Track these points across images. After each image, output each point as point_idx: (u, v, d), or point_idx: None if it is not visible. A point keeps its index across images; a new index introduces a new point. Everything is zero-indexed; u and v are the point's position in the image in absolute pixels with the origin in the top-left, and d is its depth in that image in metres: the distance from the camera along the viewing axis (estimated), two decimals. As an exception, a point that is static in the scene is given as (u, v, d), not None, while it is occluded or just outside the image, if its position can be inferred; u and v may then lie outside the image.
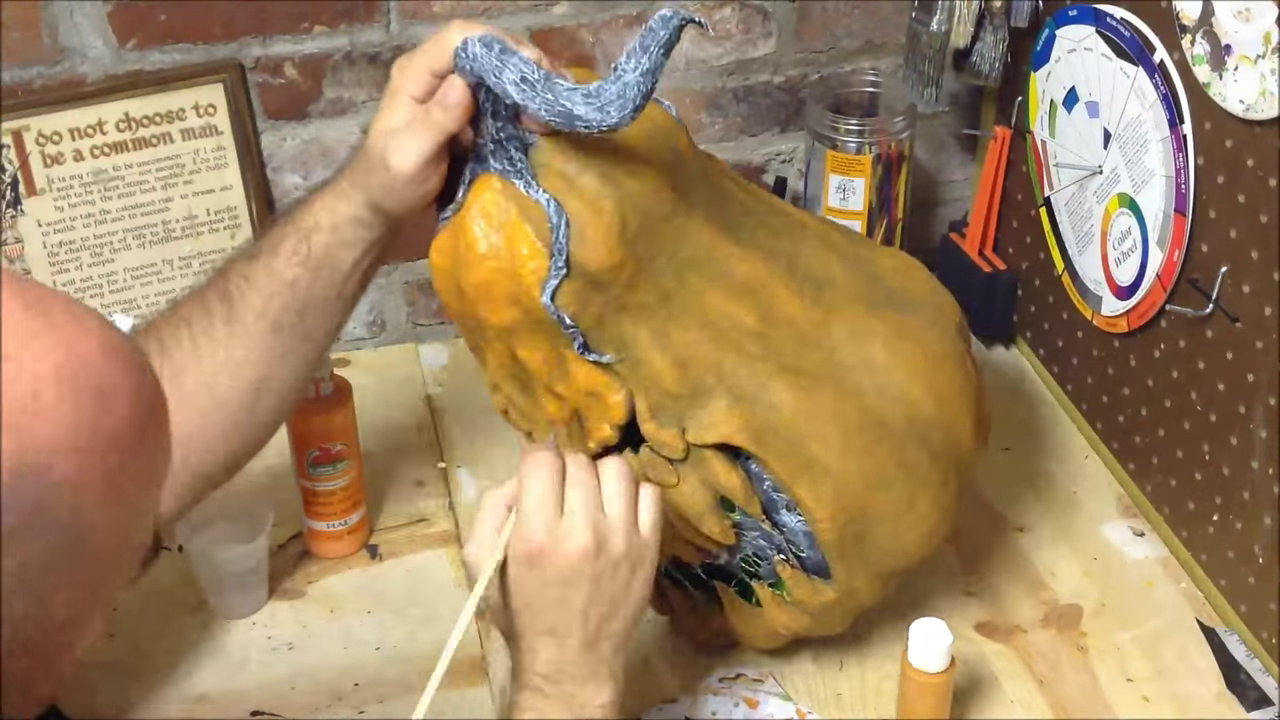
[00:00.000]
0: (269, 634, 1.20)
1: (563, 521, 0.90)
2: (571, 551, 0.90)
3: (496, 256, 0.94)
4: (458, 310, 1.00)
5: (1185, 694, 1.16)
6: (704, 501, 1.02)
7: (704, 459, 1.01)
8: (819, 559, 1.04)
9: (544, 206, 0.93)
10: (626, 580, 0.92)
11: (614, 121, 0.88)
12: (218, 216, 1.42)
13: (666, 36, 0.89)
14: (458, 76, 0.93)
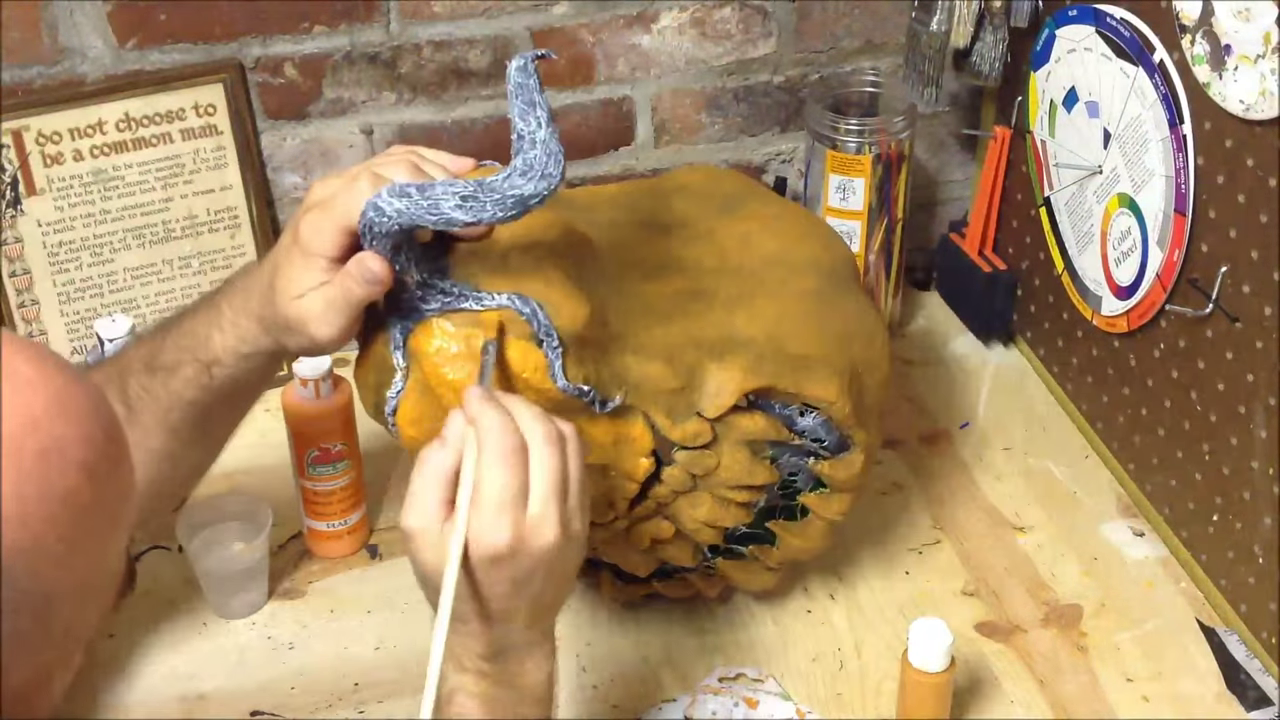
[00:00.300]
0: (269, 634, 1.20)
1: (529, 518, 0.84)
2: (540, 548, 0.84)
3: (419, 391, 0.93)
4: None
5: (1185, 694, 1.16)
6: (744, 460, 1.06)
7: (727, 426, 1.04)
8: (837, 438, 1.09)
9: (511, 306, 0.92)
10: (576, 558, 0.88)
11: (556, 180, 0.86)
12: (218, 216, 1.42)
13: (536, 82, 0.88)
14: (372, 248, 0.88)
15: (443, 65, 1.43)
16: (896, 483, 1.37)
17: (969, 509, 1.34)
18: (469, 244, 0.93)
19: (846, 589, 1.24)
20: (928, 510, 1.34)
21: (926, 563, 1.28)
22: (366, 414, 1.01)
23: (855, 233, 1.48)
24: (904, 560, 1.28)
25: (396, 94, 1.43)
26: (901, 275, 1.55)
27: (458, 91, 1.44)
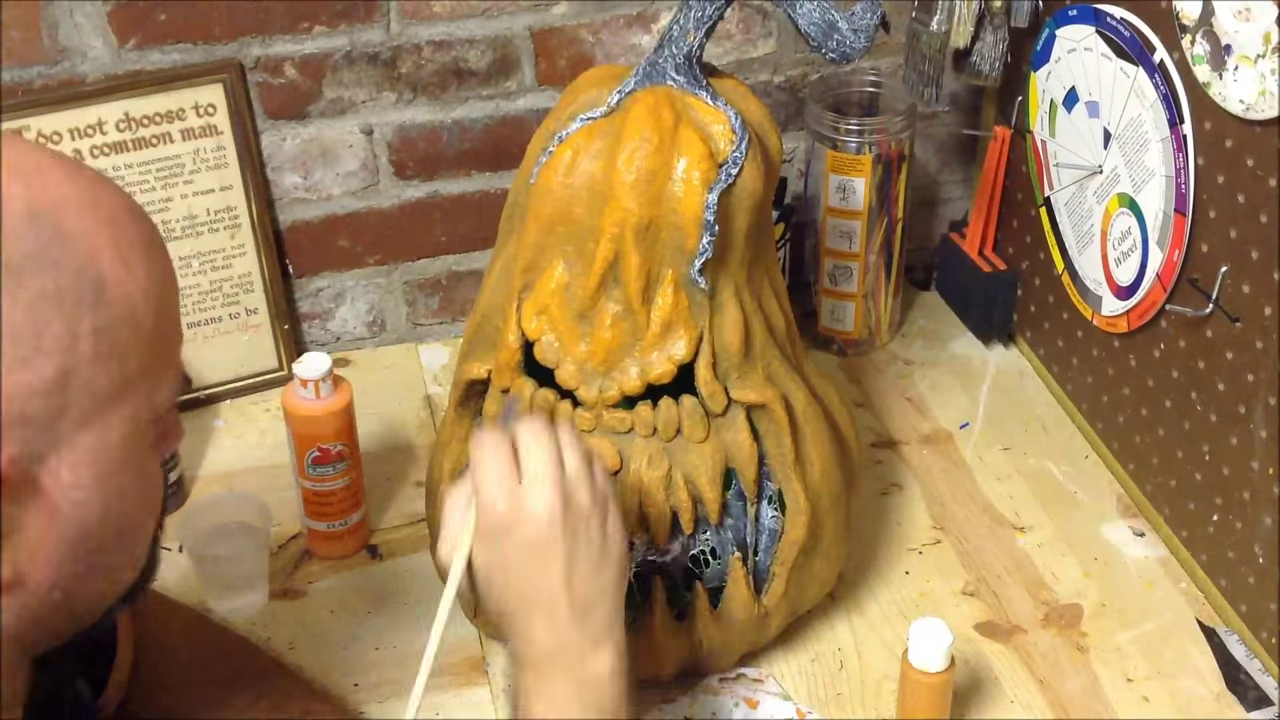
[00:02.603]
0: (269, 634, 1.20)
1: (523, 488, 0.87)
2: (539, 514, 0.87)
3: (665, 150, 1.00)
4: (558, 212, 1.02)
5: (1185, 694, 1.16)
6: (716, 466, 1.06)
7: (734, 422, 1.06)
8: (764, 569, 1.11)
9: (729, 118, 1.02)
10: (600, 532, 0.89)
11: (862, 45, 1.02)
12: (218, 216, 1.42)
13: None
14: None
15: (443, 65, 1.43)
16: (896, 483, 1.37)
17: (969, 509, 1.34)
18: None
19: (846, 588, 1.24)
20: (928, 510, 1.34)
21: (926, 563, 1.28)
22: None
23: (855, 233, 1.48)
24: (904, 560, 1.28)
25: (396, 94, 1.43)
26: (901, 275, 1.55)
27: (458, 91, 1.44)
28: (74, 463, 0.67)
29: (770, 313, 1.09)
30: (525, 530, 0.87)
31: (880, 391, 1.49)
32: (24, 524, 0.66)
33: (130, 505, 0.72)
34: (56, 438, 0.66)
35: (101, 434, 0.68)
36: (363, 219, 1.49)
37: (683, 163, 1.00)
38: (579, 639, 0.89)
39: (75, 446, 0.67)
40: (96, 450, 0.68)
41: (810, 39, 1.04)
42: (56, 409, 0.66)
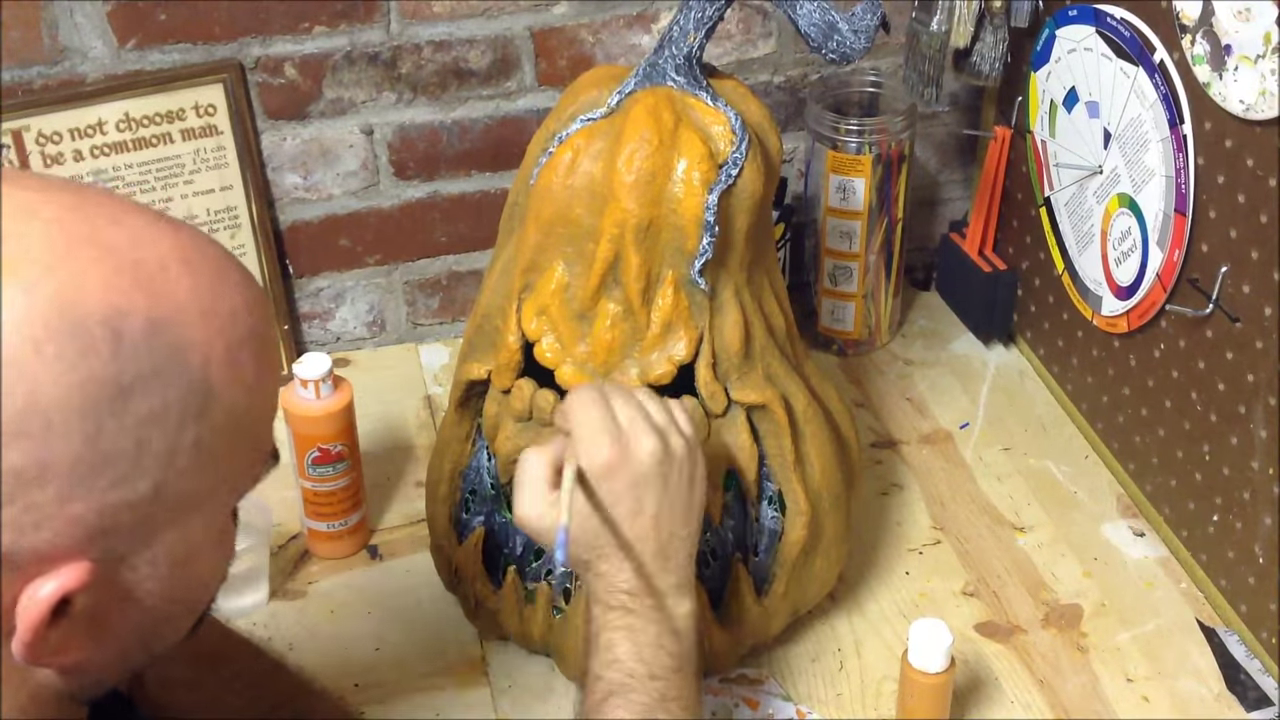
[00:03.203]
0: (269, 634, 1.20)
1: (623, 432, 0.92)
2: (642, 453, 0.92)
3: (665, 151, 1.00)
4: (558, 212, 1.02)
5: (1185, 694, 1.16)
6: (716, 467, 1.06)
7: (735, 423, 1.06)
8: (764, 568, 1.11)
9: (729, 118, 1.02)
10: (689, 480, 0.94)
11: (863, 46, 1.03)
12: (218, 216, 1.42)
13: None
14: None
15: (443, 65, 1.43)
16: (896, 483, 1.37)
17: (969, 509, 1.34)
18: None
19: (846, 589, 1.24)
20: (928, 510, 1.34)
21: (926, 563, 1.28)
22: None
23: (855, 233, 1.48)
24: (904, 560, 1.28)
25: (396, 94, 1.43)
26: (901, 275, 1.55)
27: (458, 91, 1.44)
28: (154, 559, 0.66)
29: (770, 313, 1.09)
30: (630, 468, 0.92)
31: (880, 391, 1.49)
32: (103, 617, 0.65)
33: (203, 579, 0.71)
34: (141, 541, 0.65)
35: (186, 529, 0.67)
36: (363, 219, 1.49)
37: (683, 163, 1.00)
38: (665, 582, 0.93)
39: (158, 544, 0.65)
40: (179, 544, 0.66)
41: (810, 39, 1.05)
42: (145, 517, 0.64)
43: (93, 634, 0.65)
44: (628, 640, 0.91)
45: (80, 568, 0.62)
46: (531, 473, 0.94)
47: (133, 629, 0.67)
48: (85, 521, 0.62)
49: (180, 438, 0.63)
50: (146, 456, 0.62)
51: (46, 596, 0.61)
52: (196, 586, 0.71)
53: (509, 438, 1.09)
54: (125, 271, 0.62)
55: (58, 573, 0.62)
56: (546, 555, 1.11)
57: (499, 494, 1.13)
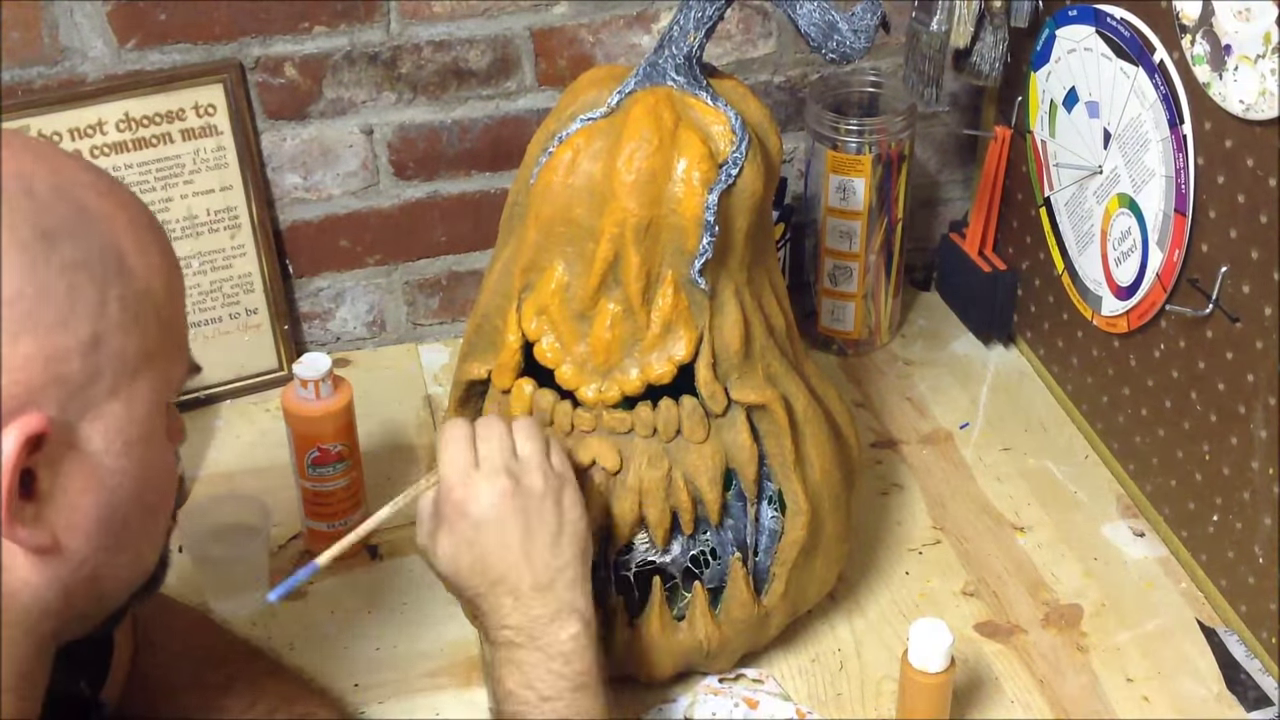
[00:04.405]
0: (269, 634, 1.20)
1: (478, 474, 0.96)
2: (491, 492, 0.95)
3: (665, 151, 1.00)
4: (558, 212, 1.03)
5: (1185, 694, 1.16)
6: (716, 467, 1.06)
7: (735, 423, 1.06)
8: (764, 568, 1.11)
9: (729, 118, 1.02)
10: (555, 510, 0.97)
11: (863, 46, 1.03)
12: (218, 216, 1.42)
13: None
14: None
15: (443, 65, 1.43)
16: (896, 483, 1.37)
17: (969, 509, 1.34)
18: None
19: (846, 589, 1.24)
20: (928, 510, 1.34)
21: (926, 563, 1.28)
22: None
23: (855, 233, 1.48)
24: (904, 560, 1.28)
25: (396, 94, 1.43)
26: (901, 275, 1.55)
27: (458, 91, 1.44)
28: (105, 429, 0.71)
29: (770, 313, 1.09)
30: (478, 509, 0.95)
31: (880, 391, 1.49)
32: (63, 487, 0.70)
33: (155, 480, 0.76)
34: (90, 402, 0.70)
35: (128, 403, 0.72)
36: (363, 219, 1.49)
37: (683, 163, 1.00)
38: (543, 611, 0.95)
39: (106, 413, 0.71)
40: (125, 418, 0.72)
41: (810, 39, 1.04)
42: (90, 373, 0.70)
43: (60, 507, 0.70)
44: (516, 672, 0.94)
45: (37, 417, 0.67)
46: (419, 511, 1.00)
47: (96, 512, 0.72)
48: (35, 364, 0.67)
49: (107, 289, 0.70)
50: (80, 302, 0.69)
51: (13, 444, 0.66)
52: (147, 475, 0.74)
53: (509, 438, 1.09)
54: (27, 150, 0.72)
55: (16, 423, 0.67)
56: None
57: (499, 494, 1.13)
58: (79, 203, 0.71)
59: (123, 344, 0.71)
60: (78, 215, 0.71)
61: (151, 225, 0.76)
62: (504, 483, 0.95)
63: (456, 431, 0.98)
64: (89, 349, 0.69)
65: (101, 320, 0.70)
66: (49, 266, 0.68)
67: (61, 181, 0.72)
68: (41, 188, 0.70)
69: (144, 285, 0.73)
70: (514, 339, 1.06)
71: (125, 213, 0.74)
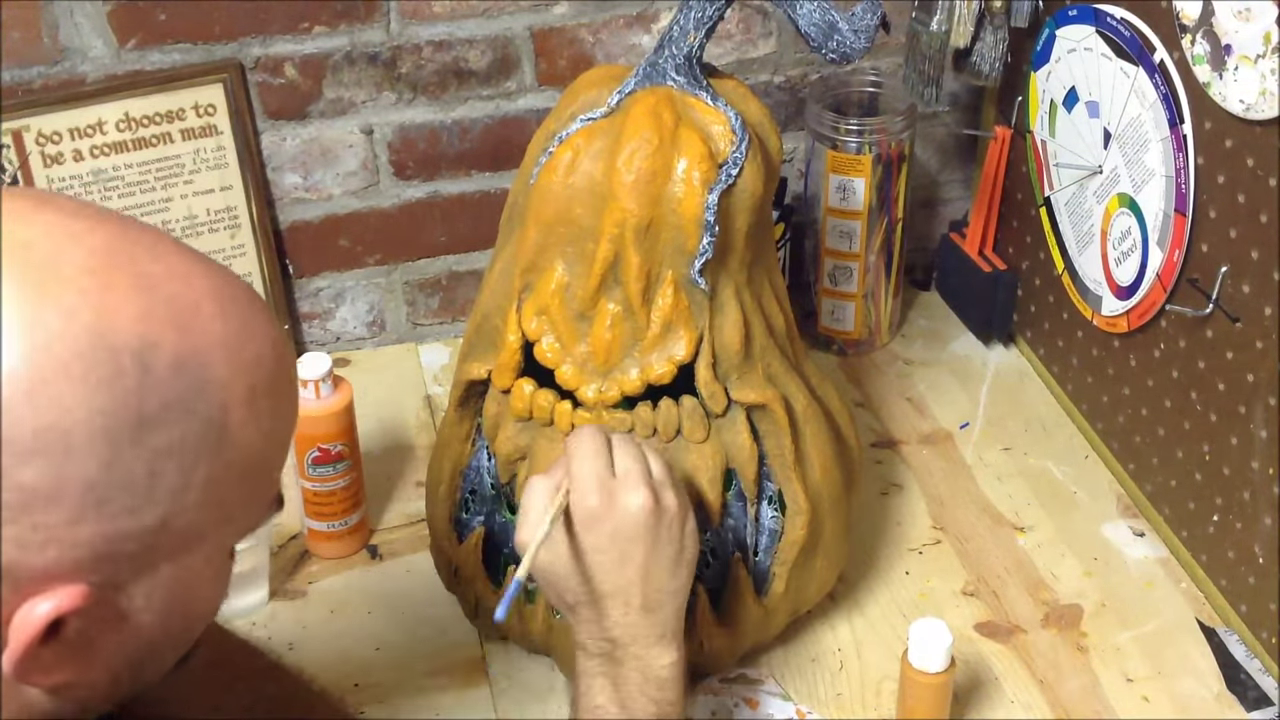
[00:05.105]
0: (269, 634, 1.20)
1: (618, 481, 0.94)
2: (631, 507, 0.93)
3: (665, 151, 1.00)
4: (558, 212, 1.03)
5: (1185, 694, 1.16)
6: (716, 467, 1.06)
7: (735, 423, 1.06)
8: (764, 568, 1.11)
9: (729, 118, 1.02)
10: (679, 535, 0.96)
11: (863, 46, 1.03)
12: (218, 216, 1.42)
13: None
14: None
15: (443, 65, 1.43)
16: (896, 483, 1.37)
17: (969, 509, 1.34)
18: None
19: (846, 589, 1.24)
20: (928, 510, 1.34)
21: (926, 563, 1.28)
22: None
23: (855, 233, 1.48)
24: (904, 560, 1.28)
25: (396, 94, 1.43)
26: (901, 275, 1.55)
27: (458, 91, 1.44)
28: (151, 589, 0.66)
29: (770, 313, 1.09)
30: (616, 520, 0.93)
31: (880, 391, 1.49)
32: (92, 639, 0.65)
33: (199, 611, 0.72)
34: (140, 569, 0.65)
35: (186, 565, 0.67)
36: (363, 219, 1.49)
37: (683, 163, 1.00)
38: (648, 633, 0.94)
39: (157, 576, 0.66)
40: (178, 578, 0.67)
41: (810, 39, 1.05)
42: (149, 548, 0.64)
43: (83, 657, 0.66)
44: (610, 688, 0.93)
45: (77, 591, 0.62)
46: (533, 497, 0.96)
47: (123, 656, 0.68)
48: (90, 546, 0.62)
49: (193, 474, 0.64)
50: (158, 489, 0.63)
51: (41, 616, 0.62)
52: (190, 619, 0.71)
53: (509, 438, 1.09)
54: (159, 305, 0.63)
55: (55, 593, 0.62)
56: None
57: (499, 494, 1.13)
58: (200, 377, 0.63)
59: (195, 520, 0.65)
60: (191, 393, 0.63)
61: (274, 381, 0.68)
62: (647, 497, 0.94)
63: (592, 439, 0.96)
64: (154, 531, 0.64)
65: (176, 504, 0.64)
66: (136, 454, 0.62)
67: (188, 350, 0.63)
68: (162, 362, 0.62)
69: (238, 455, 0.66)
70: (514, 339, 1.06)
71: (248, 376, 0.66)
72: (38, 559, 0.61)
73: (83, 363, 0.60)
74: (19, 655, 0.63)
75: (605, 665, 0.94)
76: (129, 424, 0.61)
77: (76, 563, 0.62)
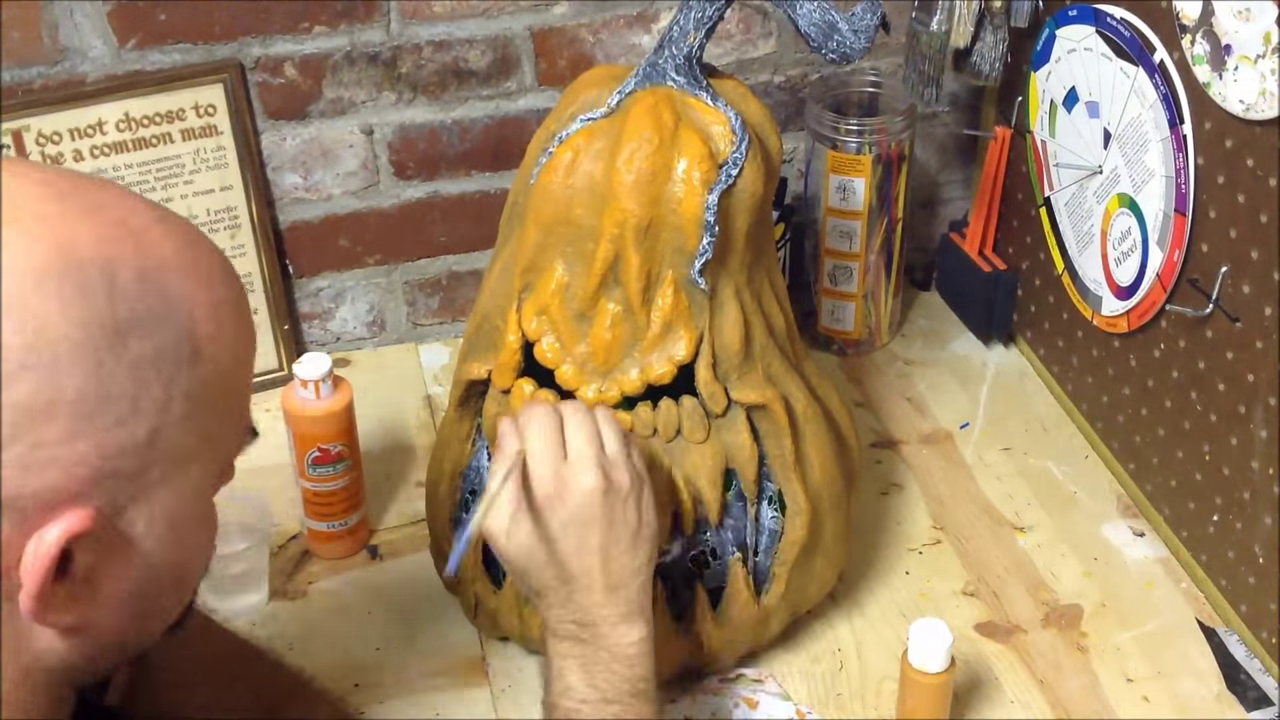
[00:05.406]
0: (269, 634, 1.20)
1: (568, 465, 0.94)
2: (582, 490, 0.94)
3: (665, 151, 1.00)
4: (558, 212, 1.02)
5: (1185, 694, 1.16)
6: (716, 467, 1.06)
7: (735, 423, 1.06)
8: (764, 568, 1.11)
9: (729, 118, 1.02)
10: (636, 512, 0.96)
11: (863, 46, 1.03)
12: (218, 216, 1.42)
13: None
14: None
15: (443, 65, 1.43)
16: (896, 483, 1.37)
17: (969, 509, 1.34)
18: None
19: (846, 589, 1.24)
20: (928, 510, 1.34)
21: (926, 563, 1.28)
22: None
23: (855, 233, 1.48)
24: (904, 560, 1.28)
25: (396, 94, 1.43)
26: (901, 275, 1.55)
27: (458, 91, 1.44)
28: (150, 515, 0.68)
29: (770, 313, 1.09)
30: (569, 504, 0.94)
31: (880, 391, 1.49)
32: (99, 570, 0.67)
33: (194, 555, 0.74)
34: (138, 491, 0.67)
35: (178, 487, 0.69)
36: (363, 219, 1.49)
37: (683, 163, 1.00)
38: (612, 612, 0.94)
39: (153, 499, 0.68)
40: (172, 502, 0.69)
41: (810, 39, 1.05)
42: (142, 466, 0.67)
43: (93, 592, 0.67)
44: (579, 669, 0.93)
45: (83, 513, 0.64)
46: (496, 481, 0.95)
47: (129, 592, 0.70)
48: (89, 462, 0.64)
49: (173, 385, 0.67)
50: (144, 399, 0.66)
51: (53, 541, 0.64)
52: (187, 553, 0.73)
53: (509, 438, 1.09)
54: (114, 227, 0.67)
55: (62, 518, 0.64)
56: None
57: (499, 494, 1.13)
58: (161, 290, 0.67)
59: (181, 434, 0.68)
60: (158, 304, 0.67)
61: (230, 297, 0.71)
62: (597, 479, 0.94)
63: (545, 420, 0.95)
64: (146, 445, 0.66)
65: (163, 416, 0.67)
66: (118, 364, 0.65)
67: (147, 264, 0.67)
68: (126, 275, 0.66)
69: (212, 370, 0.69)
70: (514, 339, 1.06)
71: (206, 291, 0.69)
72: (41, 481, 0.63)
73: (54, 279, 0.63)
74: (36, 589, 0.64)
75: (574, 647, 0.94)
76: (106, 333, 0.64)
77: (78, 482, 0.64)
